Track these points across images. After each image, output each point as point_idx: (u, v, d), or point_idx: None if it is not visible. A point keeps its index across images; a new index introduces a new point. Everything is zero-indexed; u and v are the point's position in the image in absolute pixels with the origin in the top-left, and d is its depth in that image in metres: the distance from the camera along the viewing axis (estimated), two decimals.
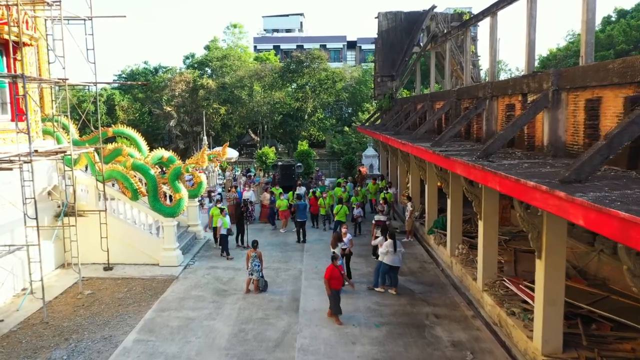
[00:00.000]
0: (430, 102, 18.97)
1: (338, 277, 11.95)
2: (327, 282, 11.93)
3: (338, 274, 11.97)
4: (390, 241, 13.93)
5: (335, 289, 11.89)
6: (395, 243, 13.93)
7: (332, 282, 11.86)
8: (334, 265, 12.08)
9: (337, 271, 11.97)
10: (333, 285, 11.86)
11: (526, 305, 11.04)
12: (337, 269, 12.01)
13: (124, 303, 13.14)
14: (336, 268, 12.01)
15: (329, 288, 11.88)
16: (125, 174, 15.73)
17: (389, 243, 13.93)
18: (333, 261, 12.23)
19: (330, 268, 12.01)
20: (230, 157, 35.72)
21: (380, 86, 28.85)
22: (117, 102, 51.51)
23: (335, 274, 11.90)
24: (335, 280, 11.90)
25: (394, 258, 13.94)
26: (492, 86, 12.20)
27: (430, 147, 12.12)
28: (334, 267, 12.03)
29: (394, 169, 28.70)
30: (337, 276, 11.93)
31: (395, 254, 13.91)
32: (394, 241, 13.94)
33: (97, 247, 15.57)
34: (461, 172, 9.43)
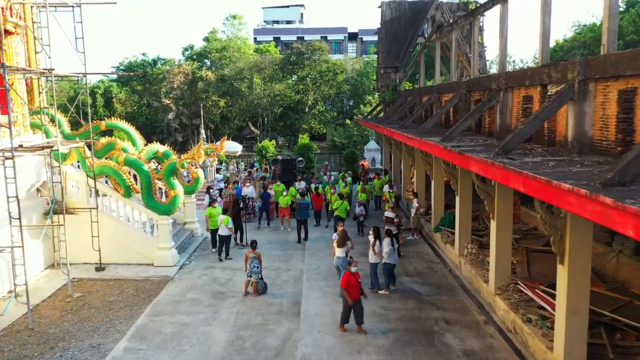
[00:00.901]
0: (438, 94, 18.16)
1: (355, 285, 10.85)
2: (345, 292, 10.80)
3: (355, 282, 10.87)
4: (389, 239, 13.20)
5: (355, 298, 10.82)
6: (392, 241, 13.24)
7: (350, 291, 10.78)
8: (349, 272, 10.99)
9: (353, 279, 10.87)
10: (351, 294, 10.77)
11: (544, 312, 10.31)
12: (353, 277, 10.91)
13: (115, 307, 12.42)
14: (352, 275, 10.93)
15: (350, 298, 10.77)
16: (117, 169, 14.96)
17: (388, 241, 13.19)
18: (348, 267, 11.15)
19: (347, 276, 10.92)
20: (235, 151, 34.89)
21: (384, 78, 28.00)
22: (114, 94, 50.66)
23: (352, 281, 10.82)
24: (352, 289, 10.81)
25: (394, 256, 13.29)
26: (507, 77, 11.41)
27: (440, 142, 11.35)
28: (350, 274, 10.93)
29: (398, 163, 27.94)
30: (354, 284, 10.84)
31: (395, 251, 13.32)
32: (391, 239, 13.24)
33: (89, 246, 14.85)
34: (477, 170, 8.68)
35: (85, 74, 14.20)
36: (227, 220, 15.65)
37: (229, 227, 15.71)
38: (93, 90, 50.25)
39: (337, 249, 13.22)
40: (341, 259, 13.16)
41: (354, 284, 10.85)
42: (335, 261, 13.34)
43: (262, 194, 20.25)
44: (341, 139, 46.39)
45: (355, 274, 11.03)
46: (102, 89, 50.55)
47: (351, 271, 10.97)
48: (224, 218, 15.63)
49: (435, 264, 15.85)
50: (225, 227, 15.67)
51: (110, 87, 51.17)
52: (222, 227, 15.72)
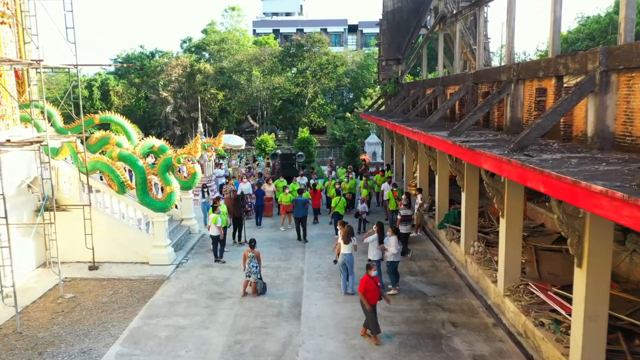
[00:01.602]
0: (442, 86, 17.58)
1: (374, 289, 10.16)
2: (363, 297, 10.12)
3: (374, 286, 10.18)
4: (395, 237, 12.75)
5: (373, 303, 10.17)
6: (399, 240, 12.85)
7: (368, 296, 10.14)
8: (367, 275, 10.29)
9: (372, 283, 10.19)
10: (370, 299, 10.14)
11: (557, 316, 9.82)
12: (372, 280, 10.24)
13: (108, 308, 11.91)
14: (371, 279, 10.25)
15: (368, 304, 10.11)
16: (111, 165, 14.41)
17: (395, 240, 12.70)
18: (367, 271, 10.40)
19: (365, 279, 10.22)
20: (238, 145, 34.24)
21: (385, 70, 27.38)
22: (111, 87, 49.97)
23: (371, 286, 10.14)
24: (372, 294, 10.14)
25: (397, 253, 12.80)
26: (519, 68, 10.84)
27: (448, 137, 10.80)
28: (368, 277, 10.24)
29: (399, 157, 27.40)
30: (373, 288, 10.16)
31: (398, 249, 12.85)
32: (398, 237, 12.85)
33: (82, 244, 14.33)
34: (490, 167, 8.14)
35: (77, 65, 13.61)
36: (216, 219, 14.81)
37: (218, 227, 14.83)
38: (90, 83, 49.66)
39: (343, 246, 12.66)
40: (347, 255, 12.63)
41: (374, 288, 10.16)
42: (341, 258, 12.74)
43: (256, 192, 19.36)
44: (341, 132, 45.85)
45: (375, 277, 10.36)
46: (99, 82, 49.92)
47: (370, 275, 10.27)
48: (213, 217, 14.86)
49: (440, 262, 15.36)
50: (214, 226, 14.86)
51: (107, 80, 50.52)
52: (212, 227, 14.92)
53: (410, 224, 15.57)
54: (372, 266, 10.46)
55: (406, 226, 15.45)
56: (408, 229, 15.59)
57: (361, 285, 10.21)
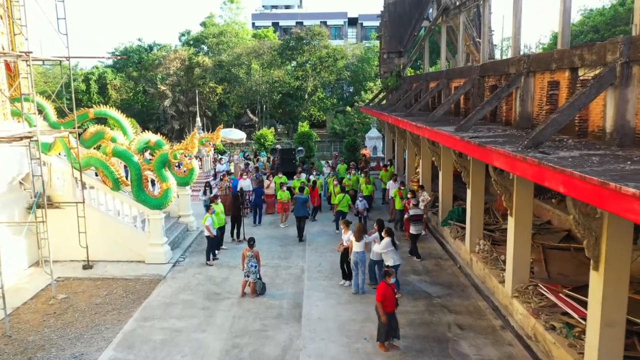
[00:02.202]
0: (447, 80, 17.09)
1: (392, 297, 9.63)
2: (380, 306, 9.48)
3: (392, 294, 9.64)
4: (389, 239, 12.20)
5: (389, 311, 9.58)
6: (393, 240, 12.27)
7: (386, 304, 9.54)
8: (385, 283, 9.69)
9: (390, 290, 9.64)
10: (387, 307, 9.54)
11: (569, 319, 9.40)
12: (390, 288, 9.68)
13: (101, 310, 11.50)
14: (389, 286, 9.68)
15: (384, 313, 9.48)
16: (105, 161, 13.94)
17: (387, 242, 12.20)
18: (385, 278, 9.81)
19: (383, 287, 9.61)
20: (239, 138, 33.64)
21: (387, 63, 26.86)
22: (109, 80, 49.36)
23: (389, 293, 9.57)
24: (389, 301, 9.57)
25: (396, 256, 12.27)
26: (529, 60, 10.37)
27: (455, 133, 10.35)
28: (386, 285, 9.65)
29: (401, 152, 26.93)
30: (391, 296, 9.62)
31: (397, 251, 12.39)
32: (392, 238, 12.23)
33: (76, 242, 13.92)
34: (503, 165, 7.70)
35: (69, 58, 13.11)
36: (206, 218, 14.30)
37: (206, 226, 14.24)
38: (87, 77, 49.06)
39: (355, 244, 12.20)
40: (360, 254, 12.18)
41: (391, 296, 9.59)
42: (354, 257, 12.26)
43: (255, 189, 18.68)
44: (341, 126, 45.33)
45: (392, 285, 9.80)
46: (97, 75, 49.26)
47: (388, 282, 9.68)
48: (205, 217, 14.33)
49: (444, 260, 14.94)
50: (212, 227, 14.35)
51: (104, 74, 49.89)
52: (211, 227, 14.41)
53: (420, 224, 14.90)
54: (390, 273, 9.84)
55: (416, 227, 14.82)
56: (418, 229, 14.92)
57: (379, 293, 9.57)
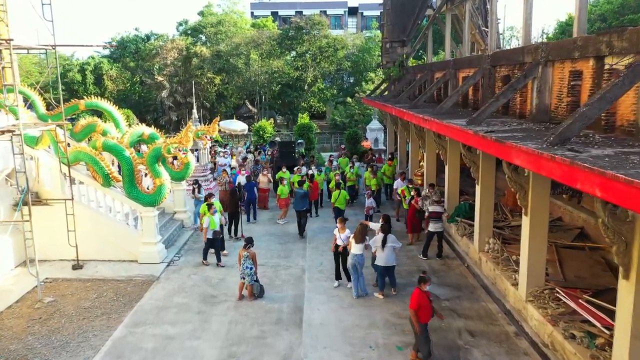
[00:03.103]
0: (454, 70, 16.31)
1: (427, 305, 8.79)
2: (414, 314, 8.68)
3: (427, 302, 8.79)
4: (381, 235, 11.58)
5: (424, 322, 8.76)
6: (385, 238, 11.56)
7: (421, 313, 8.73)
8: (420, 290, 8.82)
9: (425, 298, 8.79)
10: (422, 317, 8.73)
11: (590, 328, 8.74)
12: (425, 295, 8.82)
13: (90, 315, 10.83)
14: (424, 294, 8.80)
15: (417, 323, 8.68)
16: (95, 156, 13.21)
17: (377, 238, 11.61)
18: (420, 284, 8.90)
19: (417, 294, 8.75)
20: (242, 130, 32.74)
21: (390, 53, 25.99)
22: (105, 71, 48.44)
23: (424, 301, 8.74)
24: (425, 310, 8.74)
25: (386, 256, 11.60)
26: (548, 48, 9.62)
27: (468, 127, 9.63)
28: (420, 292, 8.77)
29: (404, 144, 26.20)
30: (427, 304, 8.78)
31: (384, 250, 11.57)
32: (384, 235, 11.57)
33: (65, 240, 13.26)
34: (525, 163, 6.99)
35: (55, 46, 12.35)
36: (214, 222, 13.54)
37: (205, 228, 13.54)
38: (82, 67, 48.15)
39: (354, 245, 11.49)
40: (358, 256, 11.48)
41: (427, 304, 8.77)
42: (352, 259, 11.54)
43: (246, 184, 17.67)
44: (342, 117, 44.53)
45: (427, 292, 8.91)
46: (92, 66, 48.34)
47: (423, 289, 8.81)
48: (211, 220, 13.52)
49: (452, 259, 14.28)
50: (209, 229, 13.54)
51: (100, 64, 48.95)
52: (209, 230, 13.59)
53: (440, 222, 14.00)
54: (426, 279, 8.91)
55: (436, 224, 13.93)
56: (438, 227, 14.01)
57: (413, 301, 8.73)
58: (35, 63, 53.85)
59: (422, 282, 8.88)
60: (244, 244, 11.55)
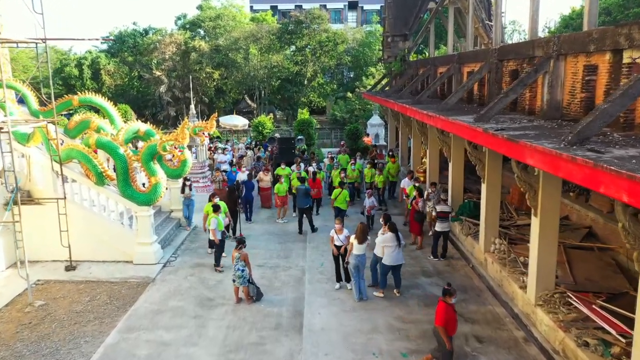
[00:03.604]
0: (458, 64, 15.84)
1: (454, 319, 8.28)
2: (444, 331, 8.06)
3: (454, 315, 8.24)
4: (392, 234, 11.21)
5: (451, 336, 8.24)
6: (398, 237, 11.25)
7: (449, 328, 8.17)
8: (445, 302, 8.18)
9: (451, 311, 8.18)
10: (450, 331, 8.21)
11: (605, 335, 8.34)
12: (450, 308, 8.18)
13: (82, 319, 10.43)
14: (450, 307, 8.18)
15: (448, 339, 8.07)
16: (87, 153, 12.76)
17: (389, 237, 11.21)
18: (445, 297, 8.23)
19: (443, 308, 8.11)
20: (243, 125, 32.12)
21: (391, 47, 25.49)
22: (102, 65, 47.86)
23: (451, 315, 8.14)
24: (453, 324, 8.23)
25: (396, 256, 11.29)
26: (560, 41, 9.17)
27: (476, 124, 9.19)
28: (446, 305, 8.14)
29: (405, 140, 25.79)
30: (454, 319, 8.26)
31: (399, 250, 11.29)
32: (396, 234, 11.23)
33: (58, 240, 12.85)
34: (540, 163, 6.56)
35: (45, 40, 11.88)
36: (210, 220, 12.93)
37: (212, 229, 12.98)
38: (80, 62, 47.55)
39: (356, 246, 11.04)
40: (361, 257, 11.08)
41: (454, 319, 8.27)
42: (354, 260, 11.10)
43: (245, 183, 17.14)
44: (342, 113, 44.03)
45: (453, 305, 8.33)
46: (90, 60, 47.72)
47: (449, 302, 8.21)
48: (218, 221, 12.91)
49: (456, 259, 13.88)
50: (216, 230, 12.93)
51: (98, 59, 48.32)
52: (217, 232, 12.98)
53: (447, 222, 13.58)
54: (452, 292, 8.24)
55: (443, 224, 13.51)
56: (445, 227, 13.59)
57: (440, 316, 8.09)
58: (32, 57, 53.24)
59: (447, 294, 8.21)
60: (236, 245, 11.10)
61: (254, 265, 13.12)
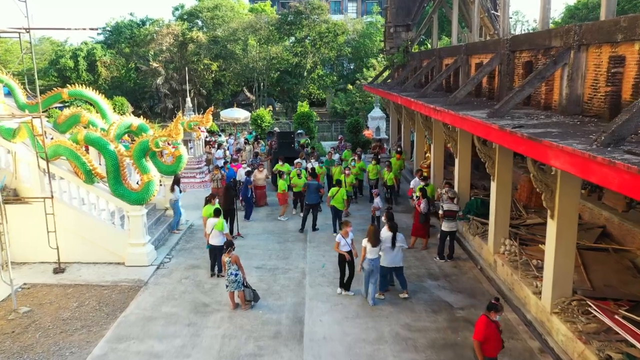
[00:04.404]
0: (466, 55, 15.13)
1: (497, 338, 7.35)
2: (478, 347, 7.27)
3: (497, 334, 7.33)
4: (389, 234, 10.61)
5: (491, 356, 7.37)
6: (394, 237, 10.62)
7: (487, 347, 7.28)
8: (488, 318, 7.33)
9: (494, 328, 7.31)
10: (488, 351, 7.31)
11: (629, 349, 7.73)
12: (494, 325, 7.33)
13: (69, 327, 9.81)
14: (493, 323, 7.34)
15: (483, 357, 7.29)
16: (75, 150, 12.08)
17: (386, 237, 10.63)
18: (489, 312, 7.35)
19: (484, 323, 7.28)
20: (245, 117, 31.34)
21: (393, 38, 24.75)
22: (98, 57, 47.01)
23: (493, 332, 7.28)
24: (494, 344, 7.33)
25: (392, 257, 10.71)
26: (582, 30, 8.49)
27: (490, 120, 8.52)
28: (488, 321, 7.31)
29: (408, 133, 25.13)
30: (496, 337, 7.34)
31: (394, 250, 10.67)
32: (393, 234, 10.62)
33: (47, 241, 12.22)
34: (567, 166, 5.91)
35: (29, 29, 11.19)
36: (222, 224, 11.79)
37: (225, 233, 11.86)
38: (75, 53, 46.72)
39: (369, 249, 10.36)
40: (375, 261, 10.44)
41: (496, 337, 7.34)
42: (368, 265, 10.43)
43: (247, 180, 16.49)
44: (342, 105, 43.30)
45: (497, 322, 7.44)
46: (85, 52, 46.87)
47: (493, 319, 7.34)
48: (217, 222, 11.78)
49: (463, 260, 13.27)
50: (219, 233, 11.80)
51: (94, 50, 47.46)
52: (215, 234, 11.84)
53: (453, 221, 12.92)
54: (498, 308, 7.35)
55: (450, 223, 12.87)
56: (452, 226, 12.93)
57: (478, 331, 7.29)
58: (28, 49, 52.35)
59: (492, 310, 7.34)
60: (224, 248, 10.43)
61: (251, 267, 12.55)
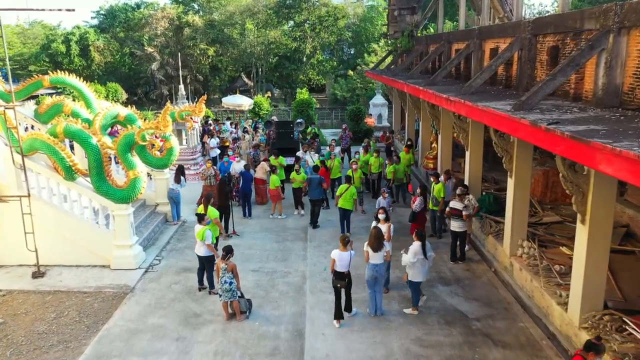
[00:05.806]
0: (479, 40, 13.99)
1: None
2: None
3: None
4: (419, 244, 9.48)
5: None
6: (424, 245, 9.49)
7: None
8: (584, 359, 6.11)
9: None
10: None
11: None
12: None
13: (44, 343, 8.86)
14: None
15: None
16: (53, 144, 11.01)
17: (417, 247, 9.47)
18: (588, 353, 6.09)
19: None
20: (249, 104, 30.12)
21: (398, 21, 23.50)
22: (91, 41, 45.62)
23: None
24: None
25: (427, 268, 9.75)
26: (623, 10, 7.40)
27: (517, 114, 7.47)
28: None
29: (412, 122, 23.98)
30: None
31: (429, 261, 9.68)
32: (423, 243, 9.49)
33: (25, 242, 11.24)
34: (625, 174, 4.90)
35: None
36: (202, 234, 10.25)
37: (208, 244, 10.32)
38: (67, 38, 45.32)
39: (372, 254, 9.36)
40: (379, 266, 9.39)
41: None
42: (370, 271, 9.44)
43: (242, 173, 15.48)
44: (343, 92, 42.11)
45: None
46: (77, 36, 45.45)
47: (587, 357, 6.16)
48: (199, 230, 10.32)
49: (476, 262, 12.30)
50: (202, 243, 10.33)
51: (86, 34, 46.04)
52: (199, 244, 10.42)
53: (461, 220, 11.87)
54: (600, 349, 6.11)
55: (456, 223, 11.88)
56: (459, 226, 11.90)
57: None
58: (18, 33, 50.92)
59: (593, 351, 6.09)
60: (223, 254, 9.40)
61: (248, 270, 11.61)
